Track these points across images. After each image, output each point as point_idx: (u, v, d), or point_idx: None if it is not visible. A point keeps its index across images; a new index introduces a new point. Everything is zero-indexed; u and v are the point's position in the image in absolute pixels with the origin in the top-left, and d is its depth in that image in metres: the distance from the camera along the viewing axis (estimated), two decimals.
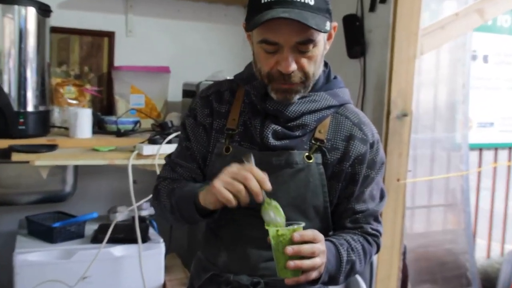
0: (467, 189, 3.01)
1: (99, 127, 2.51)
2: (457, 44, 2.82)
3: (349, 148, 1.26)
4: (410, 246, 2.75)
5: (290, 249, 1.07)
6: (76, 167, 2.51)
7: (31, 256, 2.08)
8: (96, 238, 2.20)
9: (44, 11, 2.24)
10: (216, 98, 1.34)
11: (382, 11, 2.39)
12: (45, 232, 2.21)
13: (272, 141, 1.23)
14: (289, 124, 1.25)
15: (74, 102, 2.55)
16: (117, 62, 2.78)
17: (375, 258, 2.38)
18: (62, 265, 2.08)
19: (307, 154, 1.25)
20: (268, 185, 1.09)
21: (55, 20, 2.37)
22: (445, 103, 2.90)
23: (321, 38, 1.17)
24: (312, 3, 1.13)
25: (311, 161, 1.25)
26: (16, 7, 2.13)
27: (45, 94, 2.30)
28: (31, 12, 2.18)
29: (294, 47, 1.14)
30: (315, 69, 1.21)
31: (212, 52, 3.00)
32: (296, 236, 1.09)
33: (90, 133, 2.34)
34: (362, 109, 2.50)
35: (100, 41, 2.75)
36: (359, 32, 2.49)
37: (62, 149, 2.18)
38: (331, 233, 1.33)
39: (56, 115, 2.50)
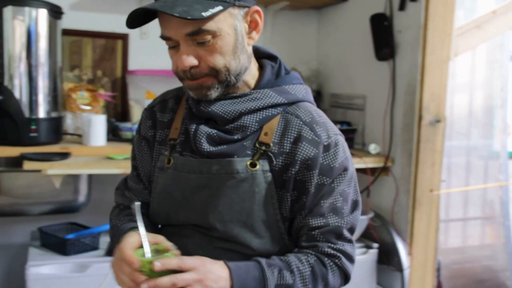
0: (506, 200, 2.92)
1: (113, 134, 2.49)
2: (495, 44, 2.75)
3: (296, 150, 1.13)
4: (445, 262, 2.69)
5: (144, 285, 0.99)
6: (90, 176, 2.50)
7: (44, 269, 2.07)
8: (112, 251, 2.17)
9: (55, 13, 2.24)
10: (160, 107, 1.28)
11: (413, 9, 2.32)
12: (58, 244, 2.19)
13: (206, 147, 1.14)
14: (227, 127, 1.15)
15: (88, 108, 2.53)
16: (131, 66, 2.76)
17: (406, 273, 2.33)
18: (76, 278, 2.08)
19: (250, 161, 1.14)
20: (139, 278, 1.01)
21: (66, 22, 2.37)
22: (482, 108, 2.83)
23: (225, 26, 1.08)
24: None
25: (255, 168, 1.13)
26: (27, 8, 2.14)
27: (57, 99, 2.29)
28: (42, 14, 2.18)
29: (189, 39, 1.07)
30: (226, 62, 1.10)
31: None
32: (157, 264, 0.99)
33: (105, 141, 2.32)
34: (391, 115, 2.45)
35: (114, 43, 2.74)
36: (388, 33, 2.42)
37: (76, 157, 2.16)
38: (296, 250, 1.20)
39: (69, 122, 2.48)
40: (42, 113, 2.21)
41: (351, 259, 1.19)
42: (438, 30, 2.23)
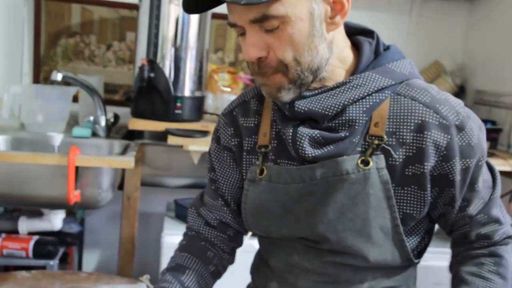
0: None
1: None
2: None
3: (423, 141, 0.96)
4: None
5: None
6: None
7: (177, 239, 2.07)
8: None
9: None
10: (242, 111, 1.12)
11: None
12: None
13: (309, 151, 0.98)
14: (330, 124, 0.98)
15: (227, 89, 2.58)
16: None
17: None
18: None
19: (362, 158, 0.97)
20: None
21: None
22: None
23: (297, 10, 0.89)
24: None
25: (368, 166, 0.97)
26: None
27: (202, 80, 2.35)
28: None
29: (255, 26, 0.91)
30: (298, 54, 0.92)
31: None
32: None
33: None
34: None
35: None
36: None
37: None
38: (417, 260, 1.09)
39: (210, 102, 2.55)
40: (187, 91, 2.28)
41: None
42: None
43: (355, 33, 1.05)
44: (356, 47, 1.03)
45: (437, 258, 1.16)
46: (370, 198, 0.98)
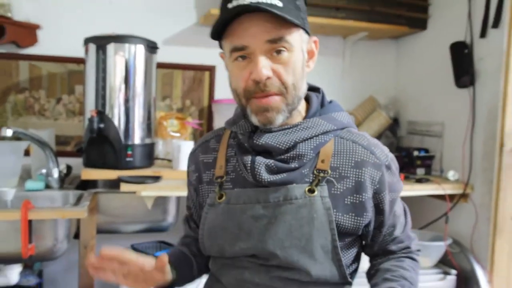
0: None
1: None
2: None
3: (361, 175, 1.13)
4: None
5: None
6: (178, 198, 2.57)
7: None
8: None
9: (151, 48, 2.31)
10: (203, 150, 1.28)
11: (495, 36, 2.27)
12: None
13: (266, 176, 1.11)
14: (283, 156, 1.12)
15: (177, 134, 2.60)
16: (217, 96, 2.82)
17: None
18: None
19: (309, 187, 1.11)
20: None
21: (160, 56, 2.44)
22: None
23: (296, 44, 1.08)
24: (280, 5, 1.03)
25: (314, 194, 1.11)
26: (127, 45, 2.22)
27: (151, 127, 2.35)
28: (140, 50, 2.25)
29: (265, 50, 1.05)
30: (295, 80, 1.09)
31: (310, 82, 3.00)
32: None
33: None
34: (471, 142, 2.40)
35: (201, 75, 2.82)
36: (468, 60, 2.38)
37: (166, 181, 2.22)
38: (351, 280, 1.20)
39: (160, 148, 2.56)
40: (137, 139, 2.27)
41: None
42: None
43: (307, 89, 1.21)
44: (307, 99, 1.21)
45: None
46: (314, 221, 1.10)
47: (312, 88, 1.24)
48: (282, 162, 1.13)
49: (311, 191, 1.12)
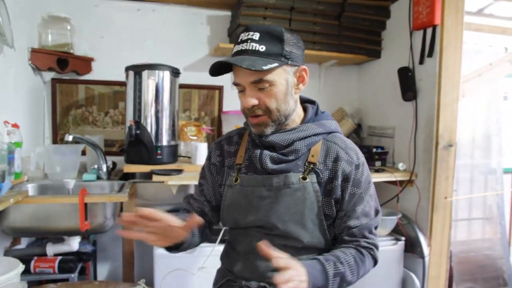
0: (502, 205, 2.81)
1: None
2: (491, 88, 2.66)
3: (337, 167, 1.13)
4: (455, 251, 2.61)
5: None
6: (196, 186, 2.56)
7: (165, 251, 2.09)
8: (211, 240, 2.20)
9: (175, 73, 2.31)
10: (227, 142, 1.28)
11: (430, 63, 2.28)
12: None
13: (270, 165, 1.13)
14: (283, 151, 1.15)
15: (194, 138, 2.59)
16: (225, 108, 2.80)
17: (426, 260, 2.28)
18: (187, 258, 2.06)
19: (302, 175, 1.13)
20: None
21: (181, 78, 2.43)
22: (482, 135, 2.75)
23: (279, 78, 1.08)
24: (262, 49, 1.05)
25: (306, 181, 1.12)
26: (157, 71, 2.22)
27: (175, 132, 2.34)
28: (167, 75, 2.25)
29: (252, 86, 1.08)
30: (279, 105, 1.10)
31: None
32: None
33: None
34: (414, 141, 2.40)
35: (213, 93, 2.79)
36: (412, 80, 2.39)
37: (186, 173, 2.20)
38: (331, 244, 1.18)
39: (182, 148, 2.54)
40: (165, 142, 2.26)
41: (378, 248, 1.20)
42: (449, 78, 2.18)
43: (305, 101, 1.25)
44: (304, 109, 1.23)
45: None
46: (306, 201, 1.12)
47: (309, 101, 1.25)
48: (282, 155, 1.14)
49: (304, 178, 1.13)
